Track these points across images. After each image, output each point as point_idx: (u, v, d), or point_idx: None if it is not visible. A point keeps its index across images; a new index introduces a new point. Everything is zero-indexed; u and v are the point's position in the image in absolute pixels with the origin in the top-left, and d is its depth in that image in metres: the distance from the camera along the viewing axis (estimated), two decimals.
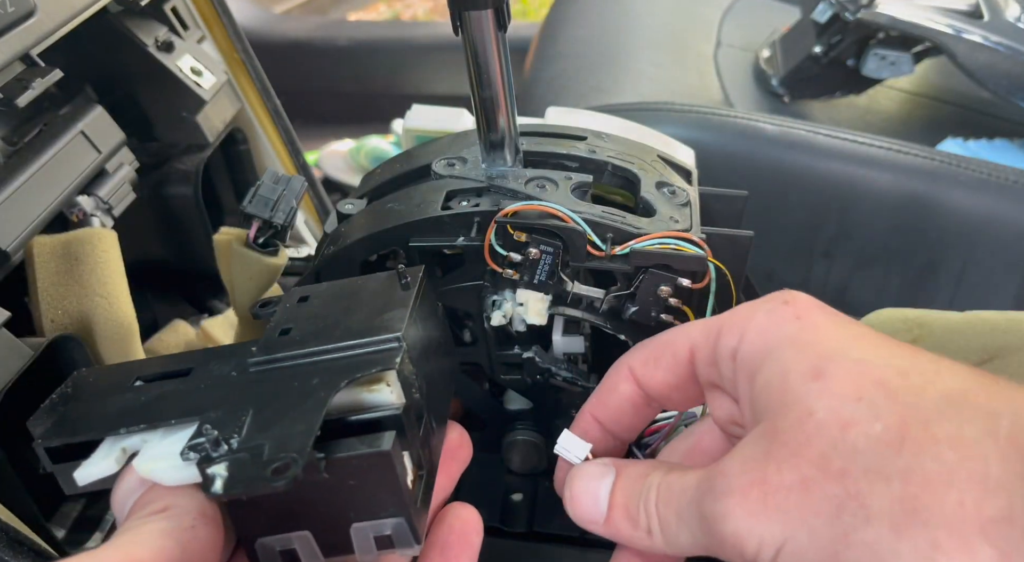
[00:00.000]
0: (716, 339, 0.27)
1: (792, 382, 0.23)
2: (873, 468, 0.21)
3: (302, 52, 1.42)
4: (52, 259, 0.47)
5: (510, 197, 0.36)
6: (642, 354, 0.30)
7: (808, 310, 0.26)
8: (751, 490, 0.23)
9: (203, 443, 0.24)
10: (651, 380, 0.30)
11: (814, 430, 0.22)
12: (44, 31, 0.45)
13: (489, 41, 0.33)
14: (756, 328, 0.26)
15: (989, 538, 0.19)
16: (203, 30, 0.65)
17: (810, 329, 0.25)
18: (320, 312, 0.30)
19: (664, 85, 0.92)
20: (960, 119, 0.97)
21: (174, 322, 0.62)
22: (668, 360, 0.29)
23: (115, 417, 0.27)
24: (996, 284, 0.76)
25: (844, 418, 0.22)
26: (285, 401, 0.25)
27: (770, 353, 0.25)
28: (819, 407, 0.22)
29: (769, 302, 0.27)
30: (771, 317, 0.26)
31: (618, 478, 0.28)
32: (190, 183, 0.61)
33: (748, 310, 0.27)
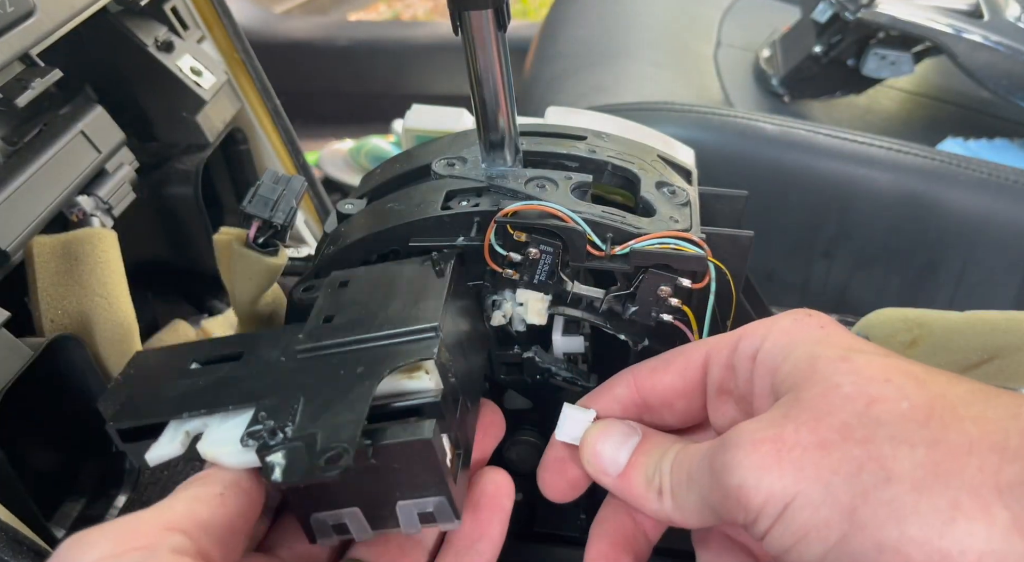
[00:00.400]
0: (736, 343, 0.28)
1: (820, 363, 0.24)
2: (898, 436, 0.21)
3: (302, 52, 1.42)
4: (52, 259, 0.47)
5: (510, 197, 0.36)
6: (651, 363, 0.31)
7: (831, 323, 0.27)
8: (763, 445, 0.23)
9: (260, 430, 0.26)
10: (657, 385, 0.30)
11: (839, 401, 0.23)
12: (44, 31, 0.45)
13: (489, 41, 0.33)
14: (781, 330, 0.27)
15: (1004, 500, 0.20)
16: (203, 30, 0.65)
17: (835, 335, 0.26)
18: (359, 298, 0.32)
19: (664, 85, 0.92)
20: (960, 119, 0.97)
21: (174, 322, 0.62)
22: (679, 365, 0.30)
23: (178, 401, 0.29)
24: (996, 284, 0.76)
25: (871, 394, 0.23)
26: (332, 389, 0.28)
27: (795, 347, 0.26)
28: (846, 382, 0.23)
29: (793, 314, 0.28)
30: (796, 323, 0.27)
31: (643, 441, 0.29)
32: (190, 183, 0.61)
33: (770, 320, 0.28)
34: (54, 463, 0.50)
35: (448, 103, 0.62)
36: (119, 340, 0.50)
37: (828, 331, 0.26)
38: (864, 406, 0.22)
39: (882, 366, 0.24)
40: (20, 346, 0.41)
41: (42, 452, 0.50)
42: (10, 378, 0.40)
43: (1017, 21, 0.86)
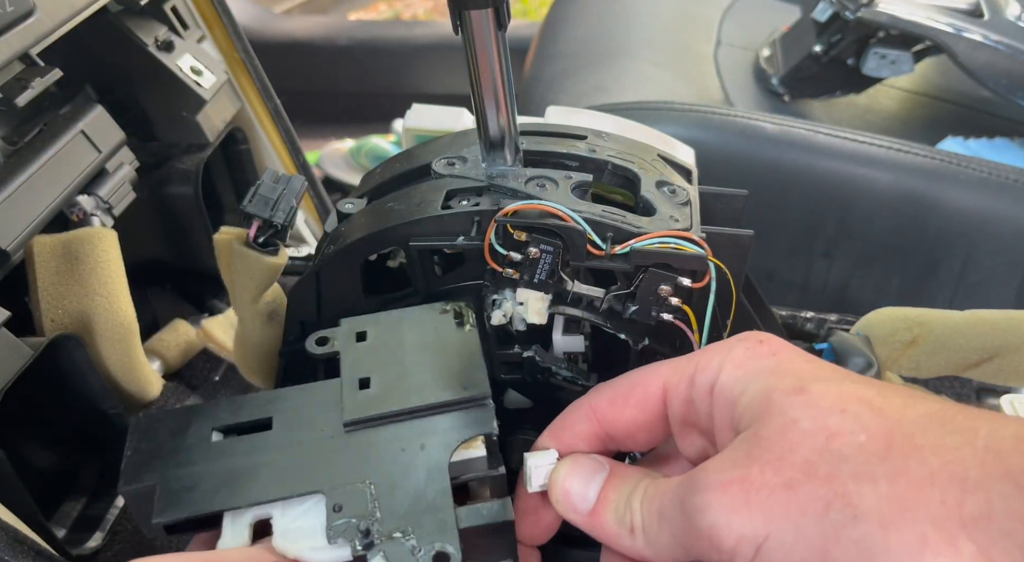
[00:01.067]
0: (692, 376, 0.28)
1: (775, 398, 0.24)
2: (860, 472, 0.22)
3: (302, 52, 1.42)
4: (52, 258, 0.47)
5: (510, 196, 0.36)
6: (608, 393, 0.30)
7: (783, 348, 0.27)
8: (731, 487, 0.23)
9: (346, 526, 0.26)
10: (618, 419, 0.30)
11: (798, 438, 0.23)
12: (44, 31, 0.45)
13: (489, 40, 0.33)
14: (734, 362, 0.27)
15: (969, 533, 0.20)
16: (203, 29, 0.65)
17: (787, 362, 0.26)
18: (386, 355, 0.31)
19: (664, 84, 0.92)
20: (960, 118, 0.97)
21: (174, 321, 0.63)
22: (638, 398, 0.29)
23: (226, 486, 0.28)
24: (996, 283, 0.76)
25: (829, 428, 0.23)
26: (401, 473, 0.28)
27: (751, 381, 0.26)
28: (803, 417, 0.23)
29: (744, 341, 0.28)
30: (748, 353, 0.27)
31: (610, 476, 0.29)
32: (190, 182, 0.61)
33: (723, 348, 0.28)
34: (54, 462, 0.50)
35: (448, 102, 0.62)
36: (119, 339, 0.50)
37: (780, 358, 0.26)
38: (824, 441, 0.23)
39: (836, 396, 0.24)
40: (20, 345, 0.41)
41: (42, 451, 0.50)
42: (10, 377, 0.40)
43: (1017, 20, 0.86)
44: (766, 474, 0.23)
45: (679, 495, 0.25)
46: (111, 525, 0.48)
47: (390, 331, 0.32)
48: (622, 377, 0.30)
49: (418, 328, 0.32)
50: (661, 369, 0.29)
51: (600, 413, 0.30)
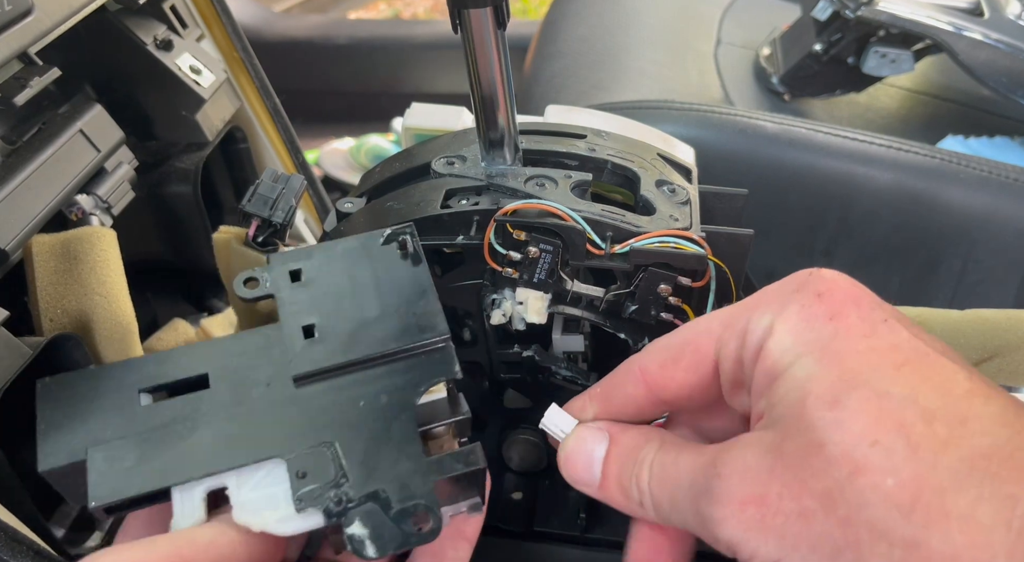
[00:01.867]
0: (743, 335, 0.25)
1: (809, 404, 0.22)
2: (878, 527, 0.20)
3: (302, 51, 1.42)
4: (51, 258, 0.47)
5: (510, 195, 0.36)
6: (658, 355, 0.28)
7: (843, 307, 0.24)
8: (748, 506, 0.22)
9: (314, 491, 0.24)
10: (670, 382, 0.28)
11: (822, 465, 0.21)
12: (42, 29, 0.45)
13: (488, 39, 0.33)
14: (786, 326, 0.24)
15: None
16: (202, 28, 0.65)
17: (843, 336, 0.23)
18: (327, 295, 0.28)
19: (664, 83, 0.92)
20: (961, 117, 0.97)
21: (173, 321, 0.62)
22: (689, 360, 0.27)
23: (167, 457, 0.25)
24: (997, 282, 0.75)
25: (856, 461, 0.21)
26: (365, 428, 0.25)
27: (796, 360, 0.23)
28: (830, 441, 0.21)
29: (801, 292, 0.25)
30: (803, 315, 0.24)
31: (612, 445, 0.28)
32: (189, 182, 0.61)
33: (778, 300, 0.25)
34: None
35: (448, 101, 0.62)
36: (119, 339, 0.50)
37: (836, 326, 0.23)
38: (847, 475, 0.21)
39: (874, 417, 0.21)
40: (19, 345, 0.41)
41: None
42: (9, 377, 0.40)
43: (1017, 19, 0.86)
44: (783, 499, 0.22)
45: (692, 495, 0.24)
46: (110, 525, 0.48)
47: (328, 267, 0.29)
48: (673, 334, 0.28)
49: (359, 263, 0.29)
50: (712, 325, 0.27)
51: (650, 377, 0.28)
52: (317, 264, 0.29)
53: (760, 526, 0.22)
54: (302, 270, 0.29)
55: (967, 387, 0.22)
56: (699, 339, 0.27)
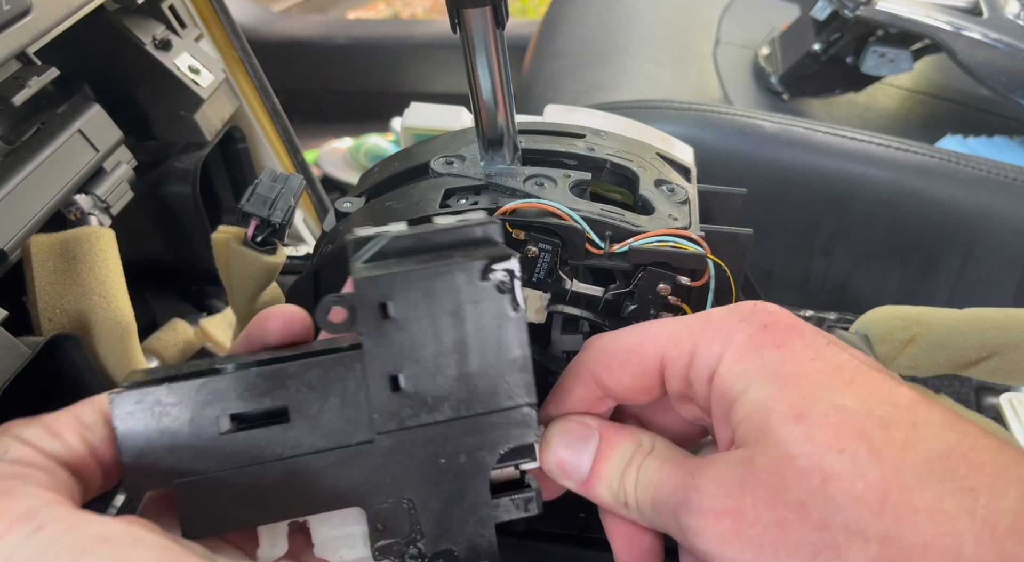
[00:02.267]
0: (690, 358, 0.27)
1: (773, 422, 0.24)
2: (853, 527, 0.22)
3: (301, 50, 1.42)
4: (50, 258, 0.47)
5: (508, 195, 0.36)
6: (604, 358, 0.29)
7: (788, 336, 0.26)
8: (724, 518, 0.24)
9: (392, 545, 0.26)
10: (615, 385, 0.29)
11: (794, 477, 0.23)
12: (40, 29, 0.45)
13: (487, 39, 0.33)
14: (735, 355, 0.26)
15: None
16: (201, 28, 0.65)
17: (791, 361, 0.25)
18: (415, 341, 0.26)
19: (663, 83, 0.92)
20: (959, 116, 0.97)
21: (172, 321, 0.62)
22: (635, 368, 0.28)
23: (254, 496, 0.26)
24: (995, 281, 0.76)
25: (825, 470, 0.22)
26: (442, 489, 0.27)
27: (750, 385, 0.25)
28: (800, 453, 0.23)
29: (747, 322, 0.26)
30: (751, 344, 0.26)
31: (601, 445, 0.29)
32: (188, 181, 0.61)
33: (725, 328, 0.26)
34: None
35: (447, 101, 0.62)
36: (118, 339, 0.50)
37: (784, 353, 0.25)
38: (819, 484, 0.22)
39: (836, 427, 0.23)
40: (18, 345, 0.41)
41: None
42: (8, 377, 0.40)
43: (1016, 18, 0.86)
44: (759, 509, 0.23)
45: (672, 506, 0.25)
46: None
47: (419, 306, 0.26)
48: (618, 337, 0.29)
49: (452, 299, 0.26)
50: (659, 338, 0.28)
51: (597, 377, 0.29)
52: (408, 297, 0.27)
53: (736, 537, 0.23)
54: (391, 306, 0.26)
55: (910, 397, 0.24)
56: (644, 350, 0.28)
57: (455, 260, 0.26)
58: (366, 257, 0.27)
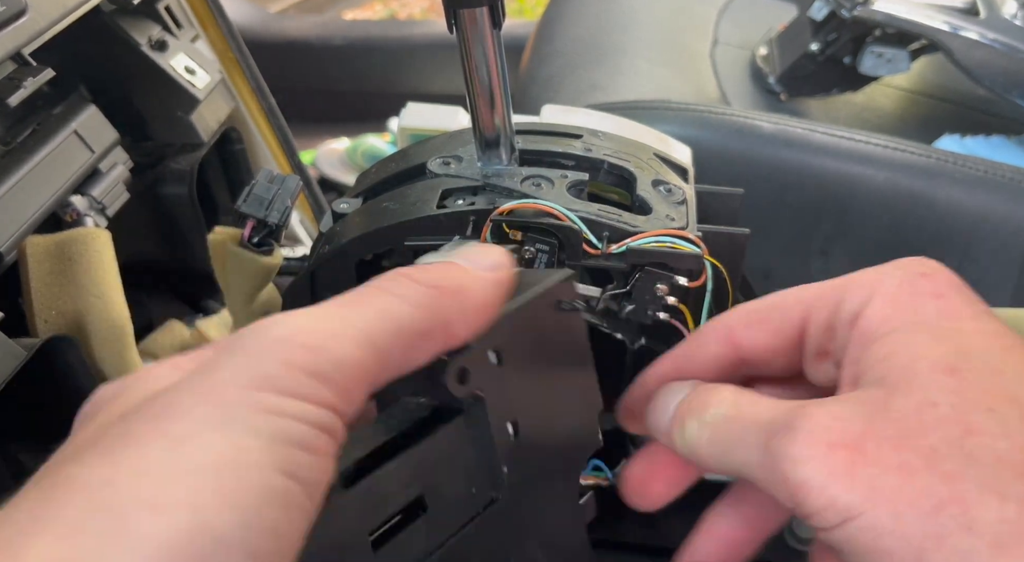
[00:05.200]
0: (837, 303, 0.25)
1: (921, 367, 0.22)
2: (989, 483, 0.20)
3: (298, 51, 1.42)
4: (46, 259, 0.47)
5: (506, 196, 0.36)
6: (744, 315, 0.28)
7: (948, 289, 0.24)
8: (839, 450, 0.21)
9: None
10: (753, 342, 0.27)
11: (932, 422, 0.21)
12: (36, 30, 0.45)
13: (483, 39, 0.33)
14: (887, 295, 0.24)
15: None
16: (197, 29, 0.65)
17: (950, 315, 0.23)
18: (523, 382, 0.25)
19: (660, 83, 0.92)
20: (957, 116, 0.97)
21: (169, 322, 0.62)
22: (775, 324, 0.27)
23: None
24: (993, 281, 0.76)
25: (970, 422, 0.21)
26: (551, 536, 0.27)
27: (901, 327, 0.23)
28: (945, 402, 0.21)
29: (903, 269, 0.25)
30: (906, 287, 0.24)
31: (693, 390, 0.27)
32: (184, 183, 0.61)
33: (876, 274, 0.25)
34: None
35: (445, 102, 0.62)
36: (114, 340, 0.50)
37: (942, 305, 0.23)
38: (959, 435, 0.20)
39: (989, 389, 0.21)
40: (14, 347, 0.41)
41: (36, 453, 0.50)
42: (3, 379, 0.40)
43: (1013, 18, 0.86)
44: (883, 449, 0.21)
45: (769, 430, 0.23)
46: None
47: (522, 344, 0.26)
48: (762, 299, 0.28)
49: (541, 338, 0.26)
50: (804, 294, 0.27)
51: (735, 335, 0.27)
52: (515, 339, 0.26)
53: (848, 473, 0.21)
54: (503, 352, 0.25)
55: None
56: (788, 304, 0.27)
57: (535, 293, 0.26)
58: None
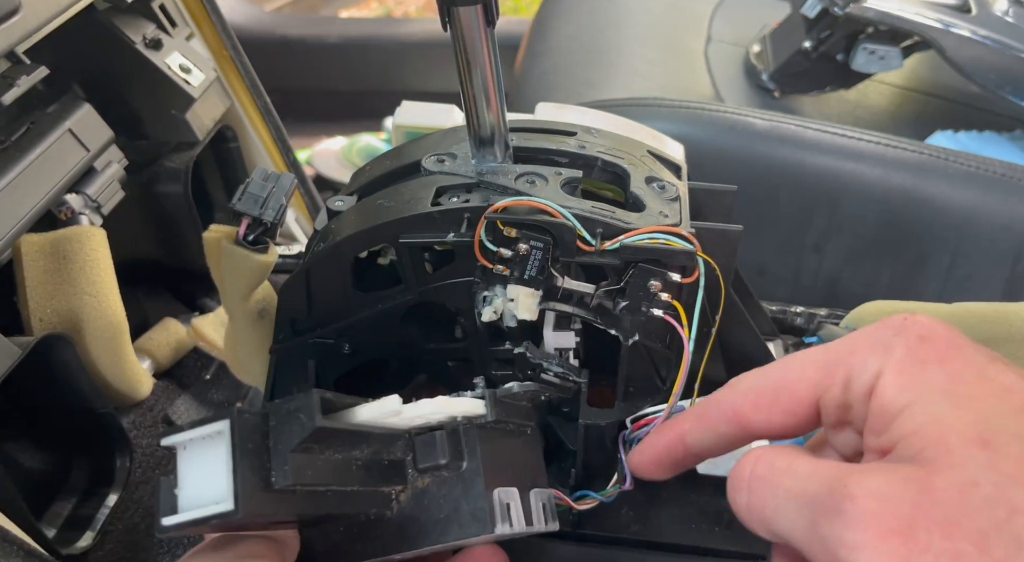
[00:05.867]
0: (846, 381, 0.26)
1: (953, 442, 0.22)
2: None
3: (293, 49, 1.41)
4: (40, 258, 0.47)
5: (500, 193, 0.36)
6: (751, 396, 0.28)
7: (949, 350, 0.24)
8: (892, 538, 0.21)
9: None
10: (765, 424, 0.28)
11: (979, 504, 0.21)
12: (29, 28, 0.45)
13: (478, 37, 0.33)
14: (896, 367, 0.24)
15: None
16: (191, 27, 0.65)
17: (959, 380, 0.24)
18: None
19: (654, 81, 0.92)
20: (949, 113, 0.97)
21: (164, 320, 0.62)
22: (784, 404, 0.27)
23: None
24: (985, 276, 0.76)
25: (1013, 502, 0.21)
26: None
27: (918, 399, 0.24)
28: (986, 481, 0.21)
29: (902, 336, 0.25)
30: (912, 357, 0.24)
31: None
32: (180, 181, 0.61)
33: (879, 345, 0.25)
34: (44, 462, 0.50)
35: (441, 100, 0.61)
36: (109, 338, 0.50)
37: (951, 371, 0.24)
38: (1005, 517, 0.21)
39: (1020, 460, 0.21)
40: (9, 345, 0.41)
41: (32, 451, 0.50)
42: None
43: (1005, 15, 0.87)
44: (933, 535, 0.21)
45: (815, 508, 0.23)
46: (102, 525, 0.48)
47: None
48: (762, 375, 0.28)
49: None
50: (807, 370, 0.27)
51: (744, 417, 0.28)
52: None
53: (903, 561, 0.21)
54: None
55: None
56: (794, 385, 0.27)
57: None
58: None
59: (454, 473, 0.30)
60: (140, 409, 0.55)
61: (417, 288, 0.37)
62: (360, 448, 0.29)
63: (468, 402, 0.31)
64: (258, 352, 0.43)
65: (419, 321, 0.40)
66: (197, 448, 0.25)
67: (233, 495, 0.24)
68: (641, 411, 0.37)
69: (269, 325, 0.42)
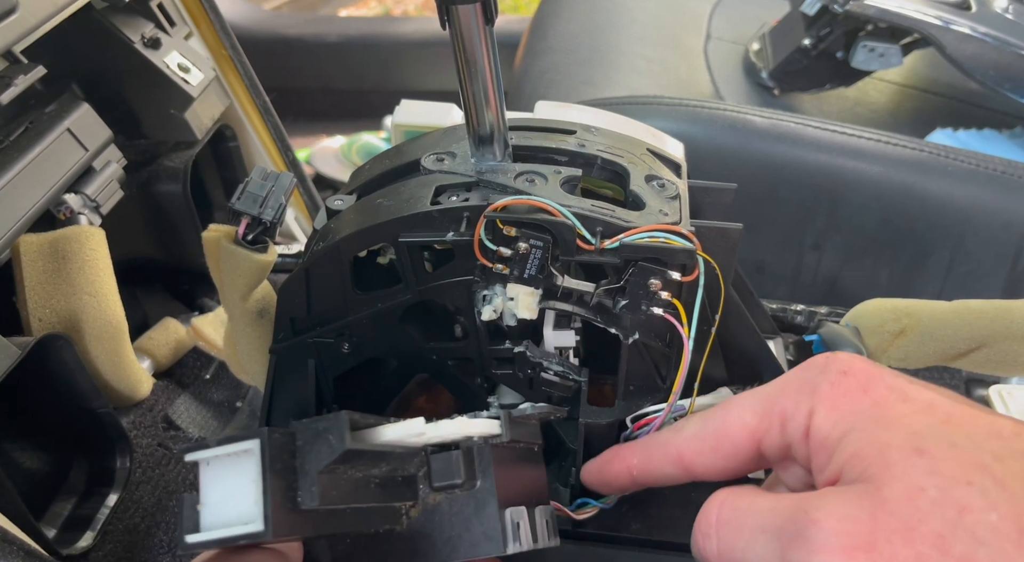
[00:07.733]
0: (782, 424, 0.27)
1: (893, 456, 0.23)
2: (996, 558, 0.21)
3: (292, 48, 1.41)
4: (39, 258, 0.47)
5: (499, 191, 0.36)
6: (693, 443, 0.30)
7: (871, 381, 0.26)
8: (857, 554, 0.22)
9: None
10: (711, 469, 0.29)
11: (928, 508, 0.22)
12: (27, 27, 0.45)
13: (476, 35, 0.33)
14: (826, 404, 0.26)
15: None
16: (190, 26, 0.65)
17: (883, 405, 0.25)
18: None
19: (654, 79, 0.92)
20: (949, 110, 0.97)
21: (164, 320, 0.62)
22: (726, 451, 0.29)
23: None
24: (984, 274, 0.76)
25: (959, 501, 0.22)
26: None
27: (852, 428, 0.25)
28: (929, 484, 0.22)
29: (825, 373, 0.26)
30: (838, 390, 0.26)
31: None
32: (179, 180, 0.61)
33: (805, 386, 0.27)
34: (44, 462, 0.50)
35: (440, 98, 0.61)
36: (108, 338, 0.50)
37: (876, 398, 0.25)
38: (956, 515, 0.22)
39: (958, 462, 0.23)
40: (8, 345, 0.41)
41: (32, 451, 0.50)
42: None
43: (1004, 12, 0.87)
44: (894, 544, 0.22)
45: (780, 539, 0.24)
46: (102, 525, 0.48)
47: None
48: (703, 422, 0.30)
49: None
50: (744, 415, 0.28)
51: (687, 461, 0.30)
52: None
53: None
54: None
55: (1011, 427, 0.24)
56: (733, 430, 0.29)
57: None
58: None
59: (467, 491, 0.30)
60: (140, 409, 0.55)
61: (416, 287, 0.37)
62: (380, 466, 0.29)
63: (485, 423, 0.31)
64: (258, 352, 0.43)
65: (418, 320, 0.40)
66: (223, 465, 0.25)
67: (263, 516, 0.24)
68: (641, 410, 0.37)
69: (269, 324, 0.42)
